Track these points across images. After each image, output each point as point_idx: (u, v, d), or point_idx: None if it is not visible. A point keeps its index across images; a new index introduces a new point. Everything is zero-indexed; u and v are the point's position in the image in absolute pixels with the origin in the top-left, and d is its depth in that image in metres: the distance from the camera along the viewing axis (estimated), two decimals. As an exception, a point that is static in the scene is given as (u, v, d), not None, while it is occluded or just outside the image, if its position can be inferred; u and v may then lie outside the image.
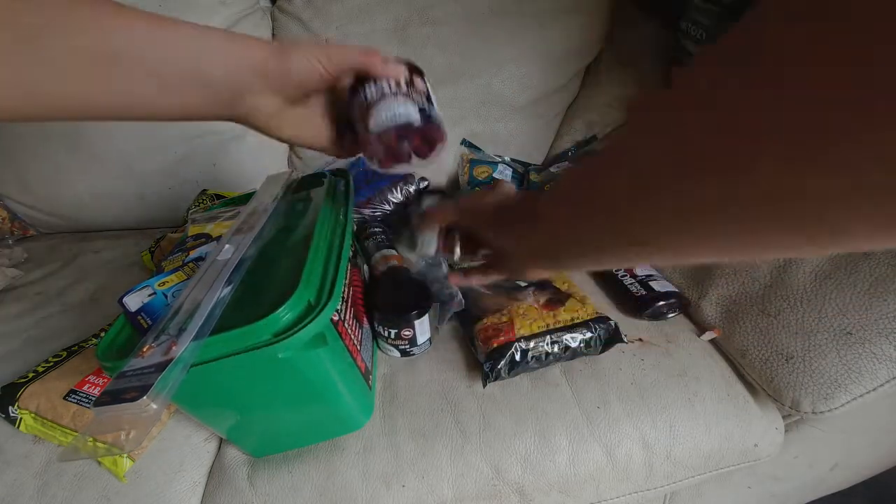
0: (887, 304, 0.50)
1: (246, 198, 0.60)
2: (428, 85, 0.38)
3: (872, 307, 0.51)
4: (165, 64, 0.28)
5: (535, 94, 0.96)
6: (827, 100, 0.11)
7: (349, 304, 0.52)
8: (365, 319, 0.60)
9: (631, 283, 0.67)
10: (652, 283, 0.65)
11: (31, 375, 0.56)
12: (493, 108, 0.95)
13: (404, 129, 0.35)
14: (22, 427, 0.53)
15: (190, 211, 0.87)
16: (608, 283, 0.71)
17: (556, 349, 0.57)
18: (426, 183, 0.84)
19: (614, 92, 1.01)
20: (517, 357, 0.55)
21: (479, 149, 0.97)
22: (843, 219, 0.12)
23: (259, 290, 0.43)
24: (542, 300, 0.62)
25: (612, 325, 0.59)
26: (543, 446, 0.52)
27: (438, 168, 0.95)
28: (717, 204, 0.14)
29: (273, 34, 0.92)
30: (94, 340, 0.62)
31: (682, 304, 0.65)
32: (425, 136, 0.35)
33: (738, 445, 0.55)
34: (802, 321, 0.54)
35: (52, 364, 0.58)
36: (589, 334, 0.58)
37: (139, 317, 0.41)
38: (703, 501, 0.69)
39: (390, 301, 0.60)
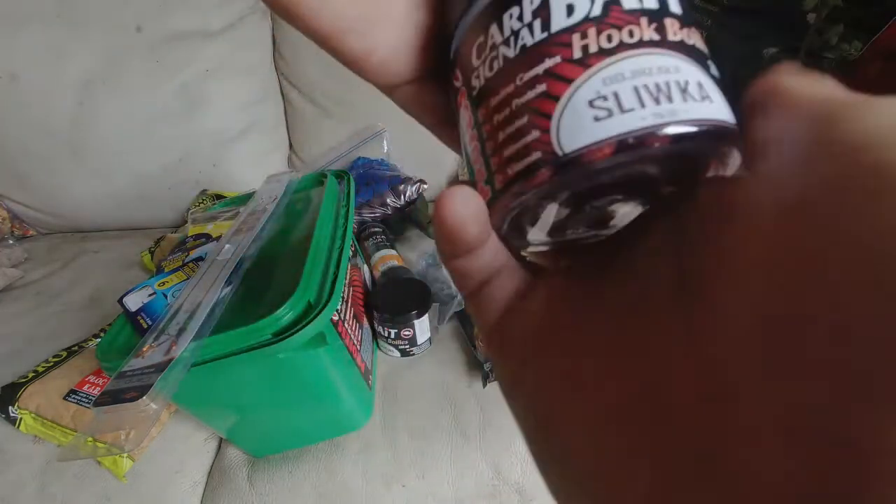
0: (887, 305, 0.50)
1: (246, 198, 0.60)
2: None
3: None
4: None
5: (534, 94, 0.96)
6: None
7: (349, 304, 0.52)
8: (365, 319, 0.60)
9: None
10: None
11: (31, 375, 0.56)
12: (493, 108, 0.95)
13: None
14: (22, 427, 0.53)
15: (190, 211, 0.87)
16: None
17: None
18: (425, 186, 0.84)
19: (614, 92, 1.01)
20: (517, 357, 0.55)
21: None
22: None
23: (259, 289, 0.43)
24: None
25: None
26: (543, 446, 0.52)
27: (438, 169, 0.95)
28: None
29: (273, 35, 0.92)
30: (94, 340, 0.62)
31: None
32: None
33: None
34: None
35: (52, 364, 0.58)
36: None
37: (139, 317, 0.41)
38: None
39: (390, 301, 0.60)
